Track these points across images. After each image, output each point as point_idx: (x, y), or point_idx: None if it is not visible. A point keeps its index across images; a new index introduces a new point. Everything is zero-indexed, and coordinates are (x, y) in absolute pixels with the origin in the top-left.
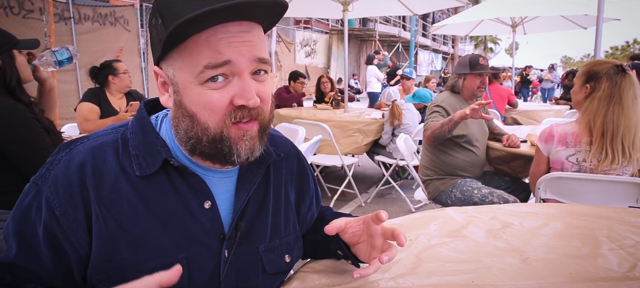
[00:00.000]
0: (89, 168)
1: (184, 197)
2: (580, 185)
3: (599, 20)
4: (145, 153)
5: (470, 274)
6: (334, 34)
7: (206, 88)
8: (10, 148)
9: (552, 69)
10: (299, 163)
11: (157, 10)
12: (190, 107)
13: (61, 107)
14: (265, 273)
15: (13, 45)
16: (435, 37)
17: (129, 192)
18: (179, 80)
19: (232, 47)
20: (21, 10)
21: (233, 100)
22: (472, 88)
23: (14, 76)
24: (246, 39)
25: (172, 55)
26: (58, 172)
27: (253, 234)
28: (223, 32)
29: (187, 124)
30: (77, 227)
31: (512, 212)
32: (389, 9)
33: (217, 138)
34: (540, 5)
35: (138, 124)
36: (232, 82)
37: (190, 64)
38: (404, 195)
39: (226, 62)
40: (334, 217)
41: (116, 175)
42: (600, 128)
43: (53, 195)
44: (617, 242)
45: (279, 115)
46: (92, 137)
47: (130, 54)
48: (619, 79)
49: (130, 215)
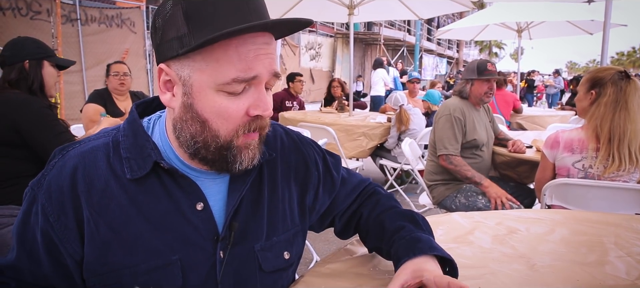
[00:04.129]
0: (79, 173)
1: (176, 199)
2: (587, 191)
3: (606, 26)
4: (136, 156)
5: (477, 280)
6: (338, 37)
7: (223, 96)
8: (29, 132)
9: (558, 73)
10: (298, 154)
11: (179, 2)
12: (202, 112)
13: (67, 108)
14: (262, 272)
15: (45, 57)
16: (440, 41)
17: (120, 195)
18: (195, 82)
19: (259, 60)
20: (29, 12)
21: (248, 110)
22: (480, 94)
23: (36, 81)
24: (269, 51)
25: (192, 57)
26: (51, 179)
27: (248, 234)
28: (251, 42)
29: (196, 128)
30: (69, 233)
31: (518, 218)
32: (394, 13)
33: (225, 146)
34: (547, 10)
35: (129, 127)
36: (249, 92)
37: (216, 70)
38: (408, 200)
39: (255, 77)
40: (396, 226)
41: (107, 179)
42: (607, 133)
43: (47, 201)
44: (624, 249)
45: (283, 118)
46: (84, 141)
47: (136, 55)
48: (624, 84)
49: (121, 219)
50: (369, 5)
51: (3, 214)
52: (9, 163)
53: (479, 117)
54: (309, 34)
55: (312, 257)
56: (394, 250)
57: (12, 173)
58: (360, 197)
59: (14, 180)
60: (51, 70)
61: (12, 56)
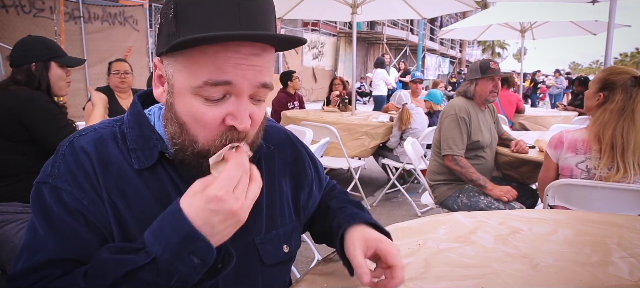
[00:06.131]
0: (94, 158)
1: (181, 190)
2: (590, 192)
3: (610, 26)
4: (142, 147)
5: (479, 280)
6: (341, 36)
7: (200, 100)
8: (34, 125)
9: (558, 73)
10: (293, 151)
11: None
12: (180, 114)
13: (70, 106)
14: (263, 265)
15: (52, 58)
16: (443, 41)
17: (134, 179)
18: (176, 83)
19: (237, 69)
20: (32, 9)
21: (225, 119)
22: (485, 93)
23: (43, 83)
24: (255, 63)
25: (175, 56)
26: (68, 166)
27: (248, 227)
28: (233, 51)
29: (175, 130)
30: (98, 210)
31: (521, 218)
32: (397, 12)
33: (203, 154)
34: (550, 10)
35: (134, 118)
36: (229, 101)
37: (191, 72)
38: (410, 199)
39: (227, 82)
40: (340, 206)
41: (120, 164)
42: (609, 140)
43: (72, 187)
44: (628, 250)
45: (286, 117)
46: (88, 130)
47: (138, 53)
48: (635, 92)
49: (139, 202)
50: (372, 4)
51: (7, 210)
52: (15, 159)
53: (484, 118)
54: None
55: (314, 256)
56: (336, 222)
57: (18, 170)
58: (325, 193)
59: (20, 177)
60: (58, 71)
61: (19, 58)
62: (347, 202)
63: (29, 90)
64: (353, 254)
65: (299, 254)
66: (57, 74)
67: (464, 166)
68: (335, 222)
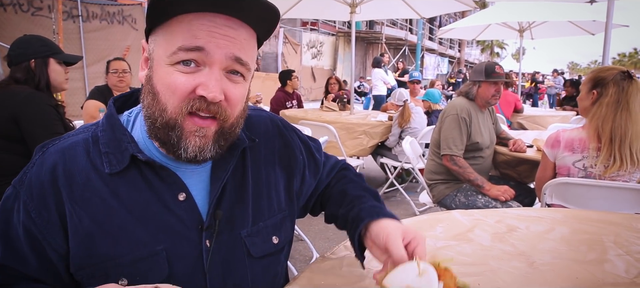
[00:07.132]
0: (60, 169)
1: (157, 191)
2: (587, 191)
3: (608, 26)
4: (114, 150)
5: (477, 277)
6: (340, 36)
7: (175, 69)
8: (26, 126)
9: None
10: (281, 137)
11: None
12: (156, 84)
13: (68, 105)
14: (251, 258)
15: (50, 54)
16: (442, 40)
17: (101, 188)
18: (155, 56)
19: (211, 36)
20: (30, 8)
21: (196, 88)
22: (487, 96)
23: (43, 80)
24: (229, 34)
25: (156, 30)
26: (32, 176)
27: (234, 221)
28: (208, 20)
29: (149, 101)
30: (52, 227)
31: (518, 216)
32: (396, 12)
33: (170, 124)
34: (549, 10)
35: (107, 121)
36: (202, 72)
37: (168, 41)
38: (409, 198)
39: (199, 48)
40: (358, 194)
41: (87, 173)
42: (609, 133)
43: (28, 198)
44: (624, 248)
45: (285, 116)
46: (64, 137)
47: (137, 52)
48: (626, 84)
49: (104, 211)
50: (371, 3)
51: None
52: (8, 159)
53: (483, 119)
54: (310, 32)
55: (312, 254)
56: (354, 212)
57: (10, 170)
58: (336, 174)
59: (14, 177)
60: (57, 68)
61: (18, 55)
62: (365, 190)
63: (30, 89)
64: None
65: (298, 253)
66: (57, 71)
67: (462, 166)
68: (354, 212)
